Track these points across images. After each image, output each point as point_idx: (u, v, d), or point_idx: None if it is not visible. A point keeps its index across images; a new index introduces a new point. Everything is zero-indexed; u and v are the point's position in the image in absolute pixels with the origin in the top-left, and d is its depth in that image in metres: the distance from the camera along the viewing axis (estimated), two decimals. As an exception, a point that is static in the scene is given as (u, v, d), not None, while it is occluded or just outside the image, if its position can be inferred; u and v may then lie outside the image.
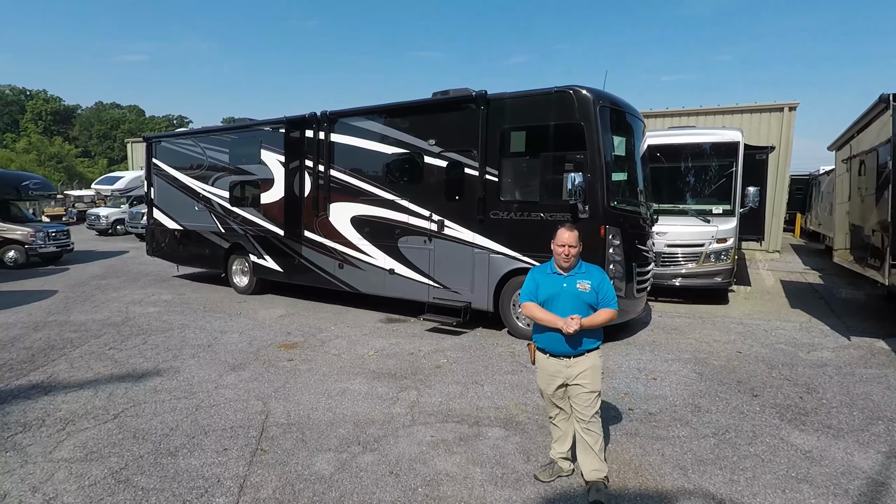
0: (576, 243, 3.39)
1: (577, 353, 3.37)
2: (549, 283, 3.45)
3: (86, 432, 4.24)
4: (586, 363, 3.37)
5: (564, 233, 3.40)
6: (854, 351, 6.74)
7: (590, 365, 3.37)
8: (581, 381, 3.35)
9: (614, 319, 3.44)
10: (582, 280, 3.40)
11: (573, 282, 3.39)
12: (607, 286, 3.40)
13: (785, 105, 16.00)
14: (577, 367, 3.36)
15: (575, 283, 3.38)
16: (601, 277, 3.43)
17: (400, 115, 8.05)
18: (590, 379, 3.36)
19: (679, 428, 4.41)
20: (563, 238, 3.40)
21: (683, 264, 9.53)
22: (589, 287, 3.37)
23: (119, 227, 23.16)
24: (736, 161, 9.64)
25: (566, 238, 3.39)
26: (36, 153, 51.90)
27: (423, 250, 7.78)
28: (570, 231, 3.40)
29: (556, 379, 3.42)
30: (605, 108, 6.61)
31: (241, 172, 9.99)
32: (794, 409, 4.85)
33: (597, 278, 3.42)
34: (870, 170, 7.93)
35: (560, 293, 3.40)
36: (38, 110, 75.01)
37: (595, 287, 3.37)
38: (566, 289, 3.39)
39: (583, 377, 3.36)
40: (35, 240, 13.97)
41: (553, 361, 3.43)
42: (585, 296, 3.37)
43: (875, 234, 7.73)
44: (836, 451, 4.02)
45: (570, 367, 3.37)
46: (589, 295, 3.37)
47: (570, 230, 3.40)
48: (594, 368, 3.38)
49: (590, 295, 3.37)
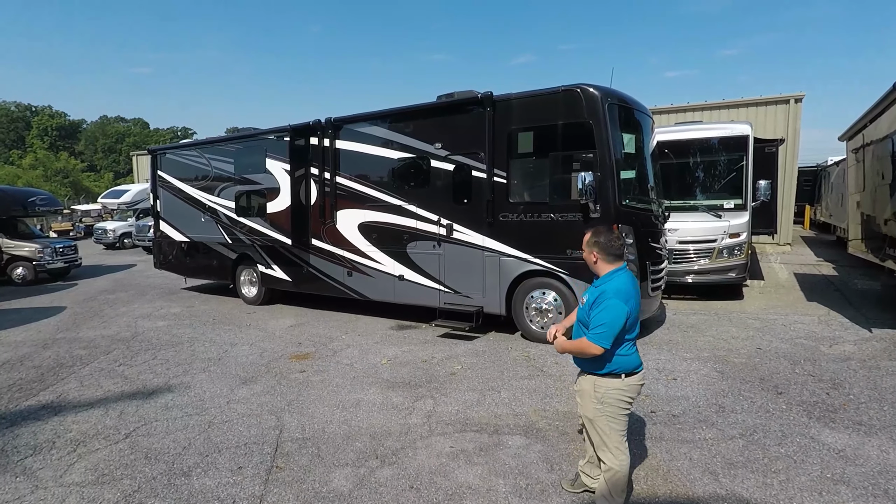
0: (582, 248, 3.08)
1: (582, 371, 3.12)
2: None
3: (97, 454, 4.16)
4: (582, 384, 3.10)
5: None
6: (877, 343, 6.57)
7: (583, 388, 3.07)
8: (579, 399, 3.13)
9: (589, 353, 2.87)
10: (584, 294, 3.07)
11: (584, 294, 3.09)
12: (600, 311, 2.82)
13: (791, 97, 15.87)
14: (580, 384, 3.13)
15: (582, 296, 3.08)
16: (603, 296, 2.86)
17: (405, 119, 7.97)
18: (582, 401, 3.09)
19: (705, 430, 4.28)
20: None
21: (696, 261, 9.39)
22: (583, 302, 3.01)
23: (126, 240, 23.22)
24: (746, 155, 9.51)
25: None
26: (42, 169, 52.31)
27: (432, 255, 7.69)
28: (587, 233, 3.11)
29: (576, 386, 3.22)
30: (613, 106, 6.50)
31: (247, 182, 9.94)
32: (821, 405, 4.71)
33: (595, 294, 2.93)
34: (884, 158, 7.77)
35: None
36: (44, 126, 75.64)
37: (588, 304, 2.96)
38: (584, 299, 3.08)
39: (580, 396, 3.12)
40: (43, 256, 13.98)
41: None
42: (578, 312, 3.04)
43: (890, 223, 7.57)
44: (870, 448, 3.88)
45: (578, 384, 3.16)
46: (580, 312, 3.02)
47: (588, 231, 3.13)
48: (583, 394, 3.06)
49: (581, 312, 3.02)
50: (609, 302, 2.81)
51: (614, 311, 2.79)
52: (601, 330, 2.80)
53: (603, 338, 2.80)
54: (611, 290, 2.85)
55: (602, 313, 2.80)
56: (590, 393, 3.00)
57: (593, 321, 2.84)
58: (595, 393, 2.97)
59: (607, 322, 2.79)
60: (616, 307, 2.80)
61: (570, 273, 6.63)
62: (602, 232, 3.04)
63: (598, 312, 2.82)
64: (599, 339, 2.81)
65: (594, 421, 3.01)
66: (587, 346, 2.85)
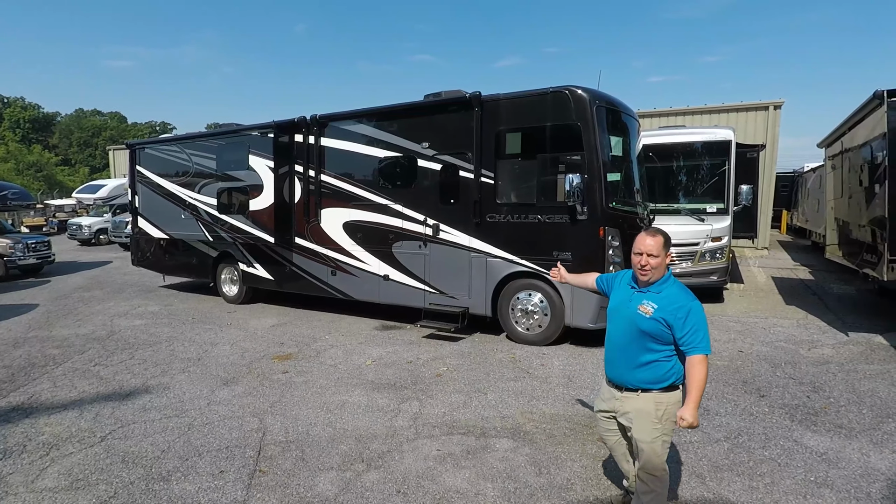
0: (658, 252, 2.64)
1: (630, 388, 2.73)
2: (618, 295, 2.86)
3: (71, 457, 4.00)
4: (636, 403, 2.71)
5: (645, 238, 2.69)
6: (854, 347, 6.71)
7: (639, 408, 2.70)
8: (627, 422, 2.77)
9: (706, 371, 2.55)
10: (647, 301, 2.64)
11: (638, 301, 2.69)
12: (697, 318, 2.53)
13: (770, 104, 16.22)
14: (627, 403, 2.77)
15: (639, 303, 2.67)
16: (678, 306, 2.56)
17: (392, 118, 7.90)
18: (636, 424, 2.72)
19: (691, 433, 4.29)
20: (641, 244, 2.68)
21: (678, 263, 9.48)
22: (652, 311, 2.60)
23: (102, 236, 22.62)
24: (729, 160, 9.65)
25: (645, 245, 2.66)
26: (14, 162, 50.82)
27: (418, 255, 7.63)
28: (653, 236, 2.68)
29: (605, 405, 2.93)
30: (601, 108, 6.52)
31: (229, 179, 9.75)
32: (803, 409, 4.78)
33: (671, 306, 2.58)
34: (862, 166, 7.95)
35: (620, 310, 2.78)
36: (16, 118, 73.42)
37: (663, 317, 2.58)
38: (628, 307, 2.72)
39: (628, 419, 2.76)
40: (14, 251, 13.53)
41: (607, 387, 2.91)
42: (643, 322, 2.62)
43: (865, 229, 7.75)
44: (851, 451, 3.94)
45: (619, 401, 2.81)
46: (648, 322, 2.60)
47: (653, 235, 2.69)
48: (640, 415, 2.69)
49: (650, 324, 2.60)
50: (696, 304, 2.59)
51: (703, 314, 2.60)
52: (706, 337, 2.55)
53: (709, 346, 2.57)
54: (687, 294, 2.65)
55: (700, 321, 2.56)
56: (650, 413, 2.67)
57: (693, 330, 2.54)
58: (657, 411, 2.66)
59: (706, 327, 2.57)
60: (701, 309, 2.61)
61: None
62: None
63: (696, 320, 2.55)
64: (708, 348, 2.56)
65: (652, 444, 2.69)
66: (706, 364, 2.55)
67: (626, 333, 2.70)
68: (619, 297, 2.85)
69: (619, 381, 2.78)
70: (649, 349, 2.65)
